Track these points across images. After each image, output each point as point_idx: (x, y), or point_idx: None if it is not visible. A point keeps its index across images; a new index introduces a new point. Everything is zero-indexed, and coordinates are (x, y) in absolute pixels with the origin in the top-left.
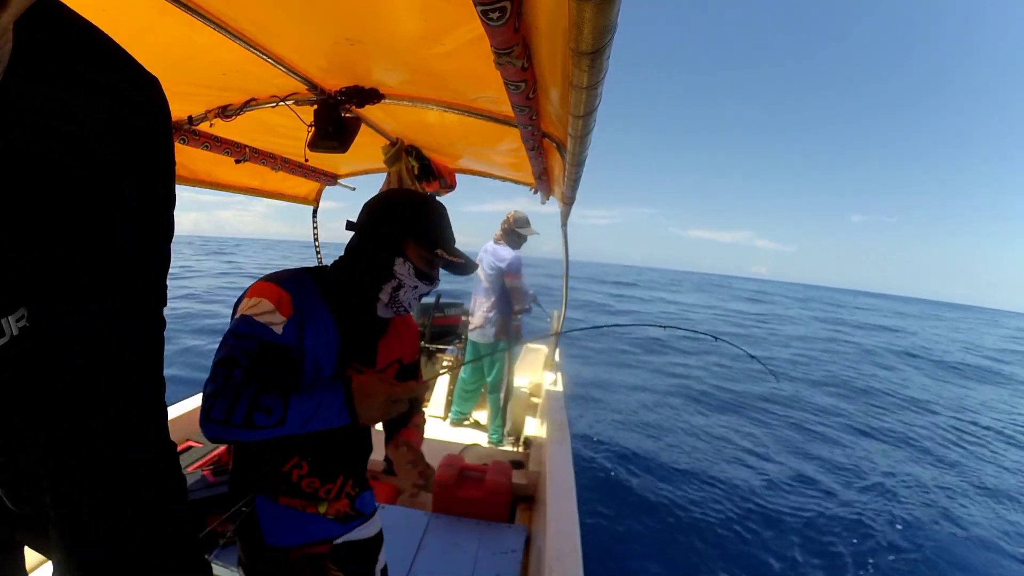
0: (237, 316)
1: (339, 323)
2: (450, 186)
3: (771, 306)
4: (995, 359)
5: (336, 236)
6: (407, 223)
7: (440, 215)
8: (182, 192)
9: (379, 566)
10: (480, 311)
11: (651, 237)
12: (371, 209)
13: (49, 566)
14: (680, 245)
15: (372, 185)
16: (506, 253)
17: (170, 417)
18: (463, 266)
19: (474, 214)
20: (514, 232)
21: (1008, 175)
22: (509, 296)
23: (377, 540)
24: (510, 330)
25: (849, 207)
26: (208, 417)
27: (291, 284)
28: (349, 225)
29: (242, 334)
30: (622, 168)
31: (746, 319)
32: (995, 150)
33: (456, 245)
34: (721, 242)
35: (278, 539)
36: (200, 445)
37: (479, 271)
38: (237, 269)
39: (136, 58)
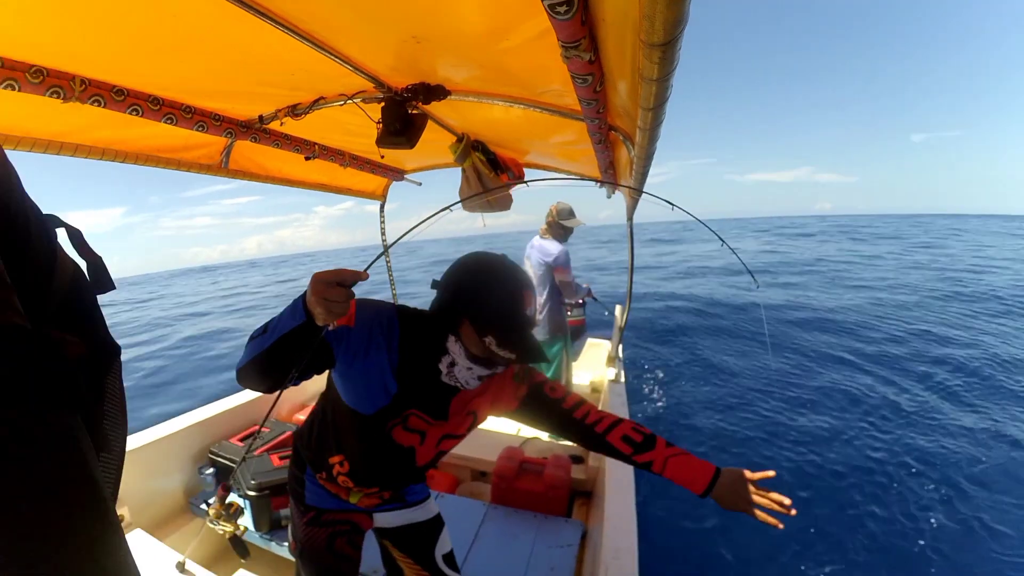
0: None
1: (400, 371)
2: (519, 178)
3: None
4: None
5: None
6: (464, 301)
7: (504, 295)
8: (240, 220)
9: (441, 550)
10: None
11: (709, 187)
12: (449, 270)
13: None
14: (740, 191)
15: (438, 179)
16: (553, 247)
17: (237, 404)
18: (519, 357)
19: (525, 193)
20: (559, 225)
21: None
22: (560, 291)
23: (434, 523)
24: (564, 325)
25: (908, 127)
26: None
27: (369, 309)
28: (433, 284)
29: None
30: (669, 119)
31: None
32: None
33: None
34: (781, 182)
35: (315, 501)
36: (267, 430)
37: (528, 267)
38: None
39: (205, 60)
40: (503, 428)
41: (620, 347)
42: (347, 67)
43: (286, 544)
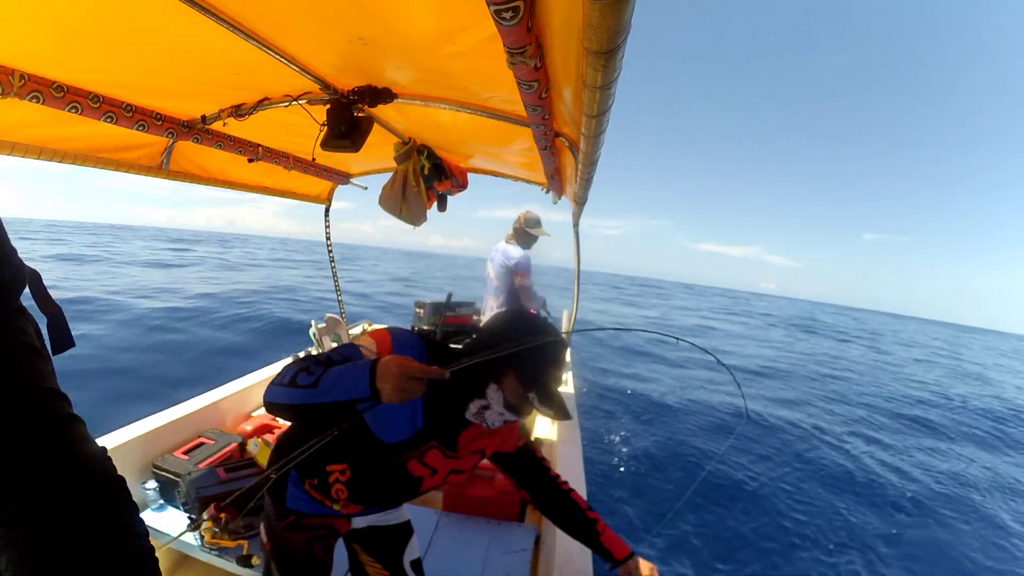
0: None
1: (428, 407)
2: (462, 185)
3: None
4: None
5: (347, 237)
6: (515, 354)
7: (552, 359)
8: (198, 188)
9: (409, 556)
10: (490, 311)
11: (661, 249)
12: (495, 322)
13: None
14: (690, 258)
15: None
16: (515, 252)
17: (181, 415)
18: (555, 415)
19: (484, 220)
20: (525, 232)
21: (1016, 199)
22: (518, 296)
23: (404, 529)
24: None
25: (861, 225)
26: (273, 382)
27: (404, 343)
28: (473, 335)
29: (339, 351)
30: (633, 176)
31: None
32: (1005, 172)
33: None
34: (731, 256)
35: (295, 505)
36: (212, 442)
37: (490, 271)
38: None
39: (147, 56)
40: None
41: (568, 352)
42: (292, 67)
43: (235, 559)
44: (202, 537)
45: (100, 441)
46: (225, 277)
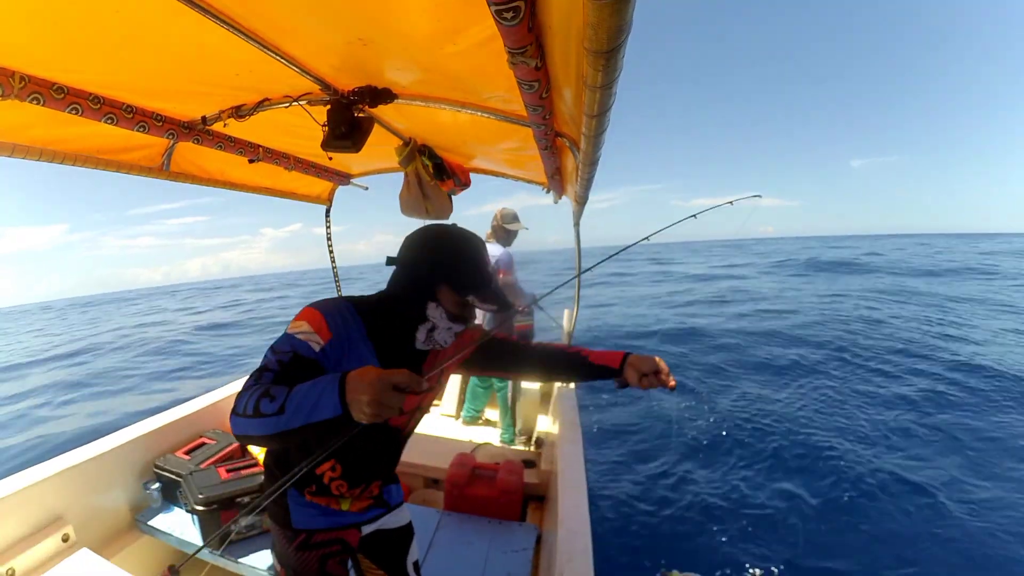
0: (284, 334)
1: (380, 353)
2: (464, 184)
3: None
4: None
5: (344, 259)
6: (440, 268)
7: (474, 257)
8: (184, 240)
9: (411, 558)
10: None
11: (656, 212)
12: (409, 245)
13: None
14: (684, 215)
15: (385, 184)
16: (496, 250)
17: (182, 415)
18: (498, 309)
19: (473, 217)
20: (503, 229)
21: (998, 98)
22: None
23: (407, 531)
24: (512, 328)
25: (846, 153)
26: (234, 411)
27: (333, 312)
28: (389, 260)
29: (279, 349)
30: (620, 148)
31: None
32: (988, 70)
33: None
34: (724, 208)
35: (303, 524)
36: (213, 442)
37: None
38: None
39: (147, 57)
40: (454, 435)
41: None
42: (293, 68)
43: (238, 559)
44: (208, 537)
45: (102, 441)
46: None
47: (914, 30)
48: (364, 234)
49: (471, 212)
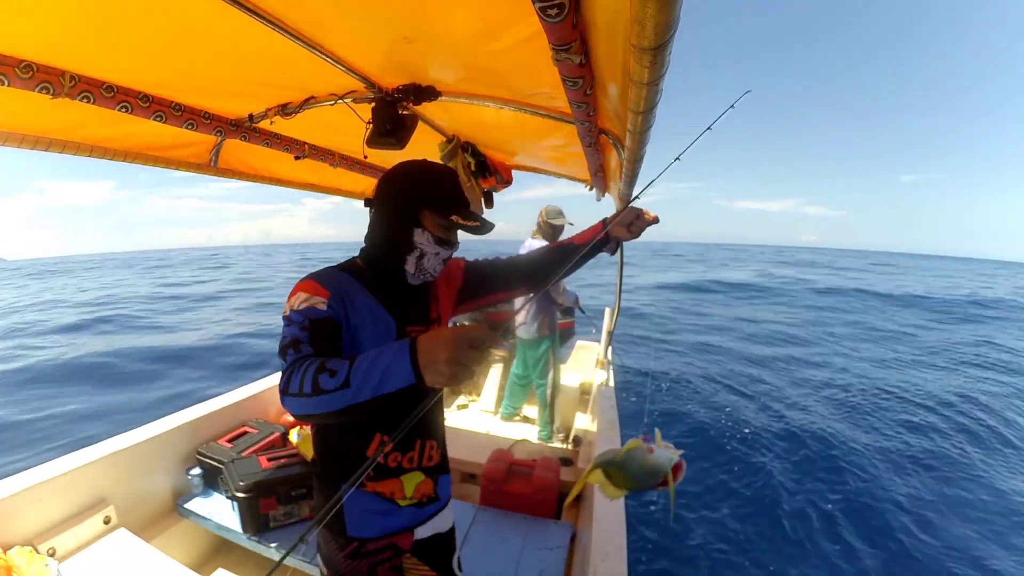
0: (291, 309)
1: (380, 298)
2: (506, 181)
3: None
4: None
5: None
6: (420, 194)
7: (450, 180)
8: (228, 204)
9: (455, 556)
10: (522, 308)
11: (698, 211)
12: (384, 184)
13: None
14: (728, 217)
15: None
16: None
17: (226, 404)
18: (479, 228)
19: (514, 202)
20: (548, 225)
21: None
22: (549, 291)
23: (453, 532)
24: (554, 325)
25: (899, 167)
26: (286, 391)
27: (322, 274)
28: (367, 202)
29: (293, 320)
30: (660, 140)
31: None
32: None
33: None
34: (769, 211)
35: (359, 530)
36: (255, 431)
37: None
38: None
39: (195, 57)
40: (492, 431)
41: (610, 350)
42: (338, 67)
43: (273, 546)
44: (246, 524)
45: (147, 428)
46: None
47: (978, 55)
48: None
49: (511, 197)
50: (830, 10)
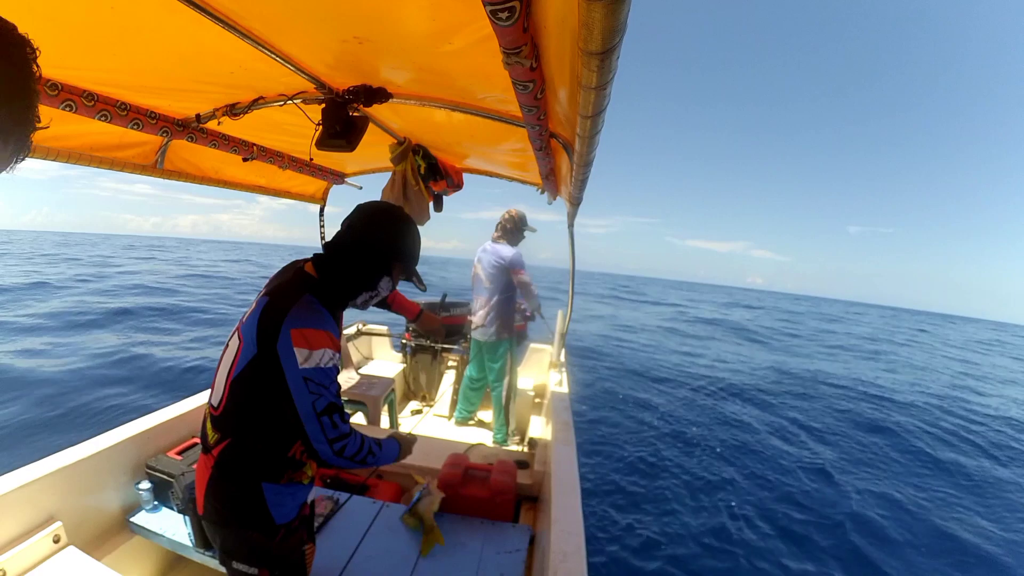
0: (318, 367)
1: (337, 322)
2: (457, 185)
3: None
4: None
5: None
6: (400, 248)
7: (419, 241)
8: (180, 195)
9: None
10: (481, 310)
11: (649, 246)
12: (371, 224)
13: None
14: (678, 255)
15: (379, 183)
16: (507, 251)
17: (175, 415)
18: (422, 287)
19: (471, 221)
20: (516, 230)
21: (998, 187)
22: (510, 294)
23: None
24: (512, 329)
25: (846, 218)
26: (342, 454)
27: (329, 321)
28: (343, 236)
29: (329, 377)
30: (619, 175)
31: None
32: (991, 161)
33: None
34: (718, 252)
35: (284, 515)
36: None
37: (479, 271)
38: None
39: (142, 54)
40: (447, 436)
41: (563, 352)
42: (287, 66)
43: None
44: (198, 539)
45: (95, 441)
46: None
47: (930, 109)
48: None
49: (468, 216)
50: (789, 59)
